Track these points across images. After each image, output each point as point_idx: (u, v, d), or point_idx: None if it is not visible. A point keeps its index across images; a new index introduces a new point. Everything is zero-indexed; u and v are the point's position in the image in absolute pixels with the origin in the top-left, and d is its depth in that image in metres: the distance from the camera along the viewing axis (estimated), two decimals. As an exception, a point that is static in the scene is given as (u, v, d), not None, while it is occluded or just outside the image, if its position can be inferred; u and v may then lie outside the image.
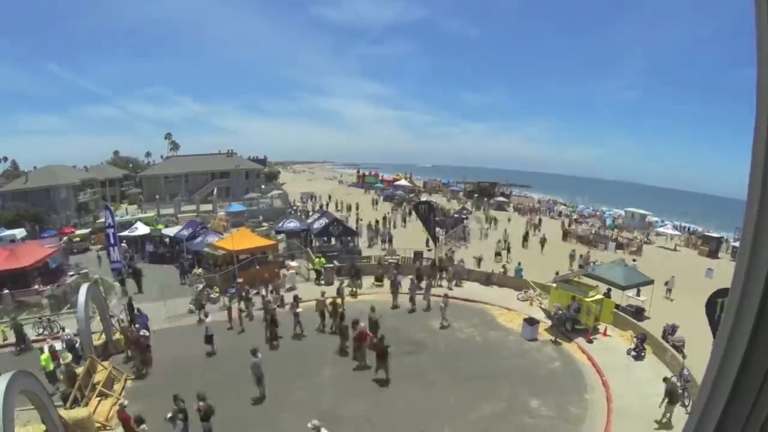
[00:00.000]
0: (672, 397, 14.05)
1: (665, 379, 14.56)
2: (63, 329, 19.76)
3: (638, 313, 23.42)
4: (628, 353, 18.59)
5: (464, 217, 47.92)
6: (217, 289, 24.62)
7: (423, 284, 24.61)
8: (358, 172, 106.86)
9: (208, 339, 18.66)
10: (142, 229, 36.08)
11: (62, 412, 12.48)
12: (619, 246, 41.64)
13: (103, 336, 18.83)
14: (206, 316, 22.03)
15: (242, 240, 27.38)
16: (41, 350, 17.02)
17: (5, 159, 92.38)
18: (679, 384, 14.91)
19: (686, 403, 14.80)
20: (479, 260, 31.12)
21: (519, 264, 28.93)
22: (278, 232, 35.66)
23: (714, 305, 14.81)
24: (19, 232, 39.10)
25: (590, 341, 19.83)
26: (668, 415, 14.04)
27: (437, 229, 39.53)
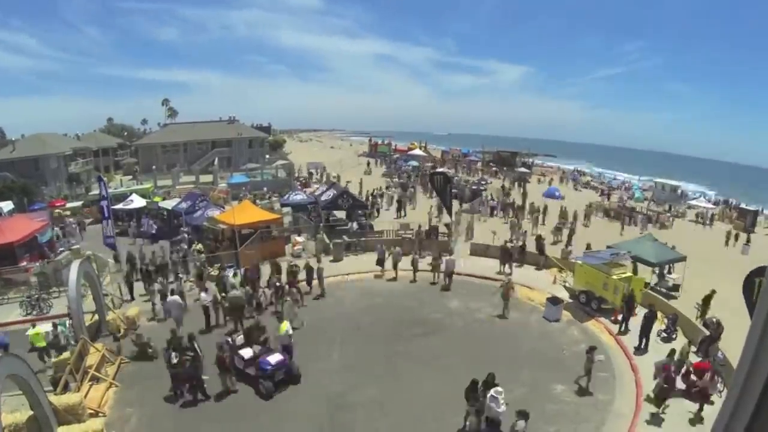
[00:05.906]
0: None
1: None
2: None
3: (669, 292, 23.13)
4: (658, 335, 18.37)
5: (482, 189, 47.47)
6: (217, 267, 24.54)
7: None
8: (370, 140, 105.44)
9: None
10: (137, 202, 36.10)
11: (52, 397, 12.49)
12: (649, 220, 40.87)
13: (96, 316, 18.83)
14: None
15: (244, 214, 27.18)
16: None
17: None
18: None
19: (720, 388, 14.61)
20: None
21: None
22: (284, 206, 35.64)
23: (752, 285, 14.43)
24: (6, 205, 39.00)
25: (617, 322, 19.62)
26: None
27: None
